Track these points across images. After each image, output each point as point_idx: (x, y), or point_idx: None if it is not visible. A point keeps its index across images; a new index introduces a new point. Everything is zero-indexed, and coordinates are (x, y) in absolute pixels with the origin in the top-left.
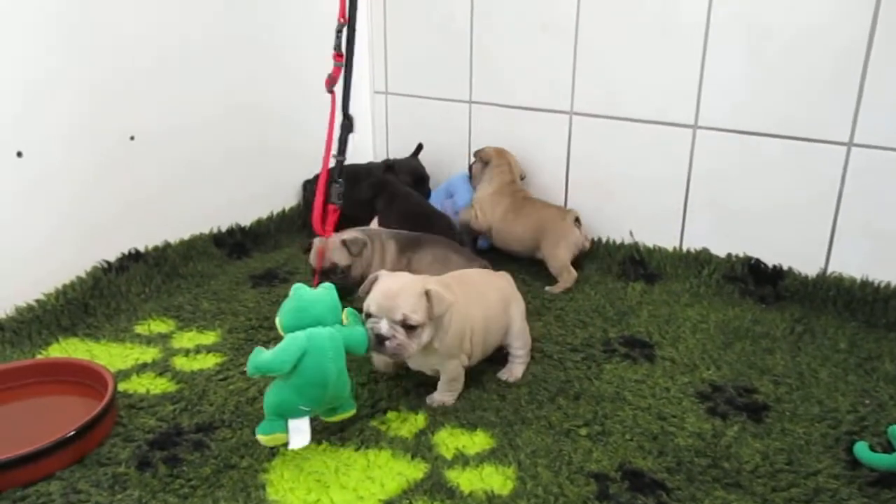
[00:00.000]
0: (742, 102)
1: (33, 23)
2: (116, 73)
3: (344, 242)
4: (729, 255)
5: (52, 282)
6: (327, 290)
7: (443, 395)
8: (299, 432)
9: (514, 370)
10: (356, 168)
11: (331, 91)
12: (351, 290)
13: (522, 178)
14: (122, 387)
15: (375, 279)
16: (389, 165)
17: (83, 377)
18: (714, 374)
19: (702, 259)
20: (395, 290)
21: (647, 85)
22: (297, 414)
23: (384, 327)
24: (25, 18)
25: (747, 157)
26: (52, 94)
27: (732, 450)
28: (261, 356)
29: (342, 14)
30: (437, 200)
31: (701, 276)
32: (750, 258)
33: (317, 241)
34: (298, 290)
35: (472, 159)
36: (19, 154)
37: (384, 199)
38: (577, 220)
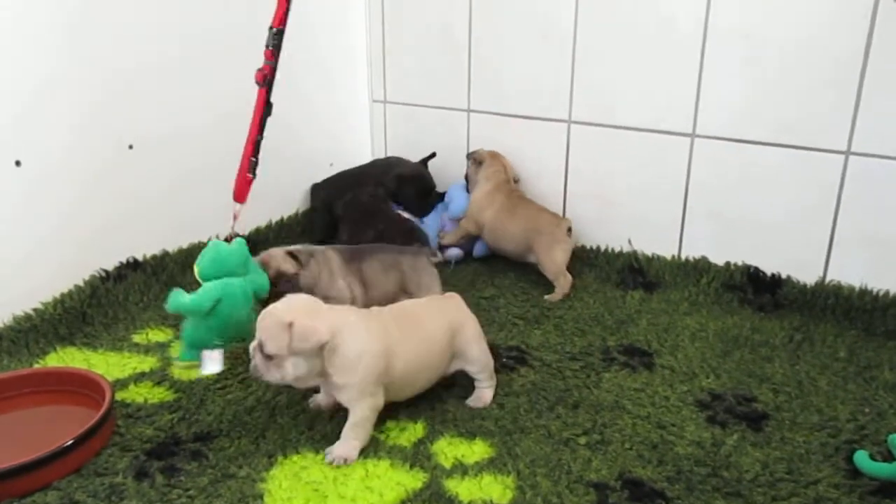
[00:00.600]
0: (740, 111)
1: (32, 31)
2: (114, 79)
3: (289, 253)
4: (728, 264)
5: (50, 291)
6: (239, 245)
7: (343, 447)
8: (212, 360)
9: (483, 395)
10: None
11: (261, 85)
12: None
13: (517, 182)
14: (119, 396)
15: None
16: (400, 176)
17: (81, 387)
18: (713, 382)
19: (700, 267)
20: (266, 315)
21: (645, 94)
22: (211, 346)
23: (250, 346)
24: (24, 27)
25: (745, 166)
26: (50, 101)
27: (732, 459)
28: (182, 298)
29: (280, 21)
30: (436, 211)
31: (700, 284)
32: (749, 266)
33: (262, 253)
34: (216, 245)
35: (468, 163)
36: (17, 163)
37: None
38: (569, 229)
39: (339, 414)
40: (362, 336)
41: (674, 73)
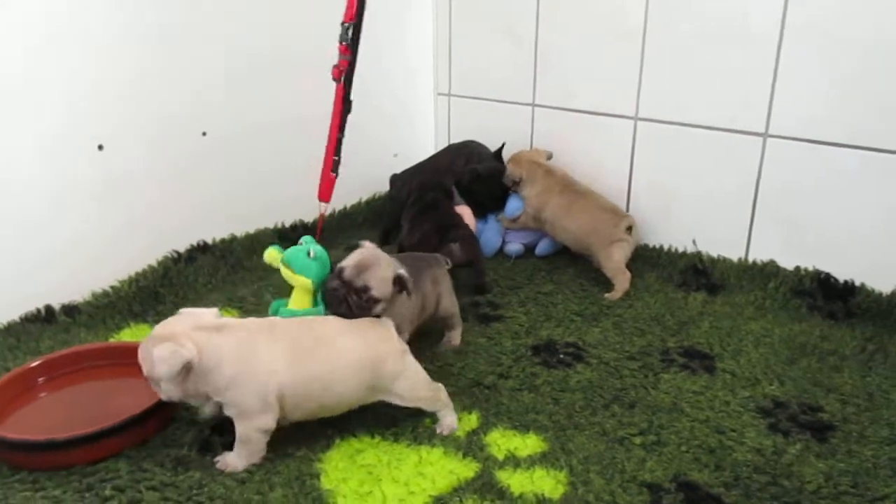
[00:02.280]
0: (816, 111)
1: (136, 32)
2: (195, 76)
3: (397, 279)
4: (797, 269)
5: (126, 270)
6: (321, 265)
7: (231, 458)
8: None
9: (445, 422)
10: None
11: (337, 81)
12: (353, 316)
13: (549, 158)
14: None
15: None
16: (476, 173)
17: None
18: (777, 389)
19: (768, 271)
20: (147, 337)
21: (716, 91)
22: None
23: None
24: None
25: (820, 168)
26: (137, 92)
27: (794, 468)
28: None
29: (350, 16)
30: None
31: (767, 288)
32: (820, 272)
33: (363, 253)
34: (323, 254)
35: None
36: (100, 147)
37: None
38: (629, 227)
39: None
40: (238, 356)
41: (747, 70)
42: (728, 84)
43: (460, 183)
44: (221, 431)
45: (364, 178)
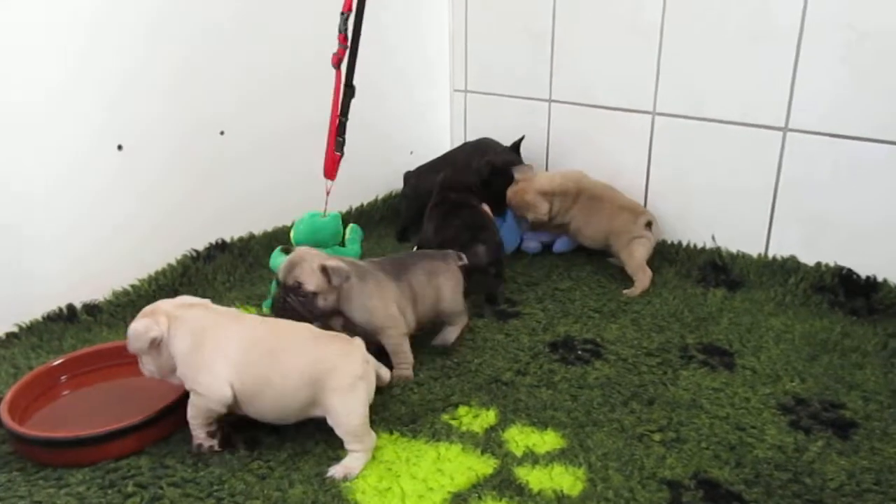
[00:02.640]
0: (837, 105)
1: (159, 37)
2: (210, 75)
3: (324, 269)
4: (818, 265)
5: (146, 269)
6: (333, 219)
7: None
8: None
9: (349, 463)
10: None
11: (337, 68)
12: (304, 317)
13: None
14: None
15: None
16: (492, 166)
17: None
18: (798, 386)
19: (788, 267)
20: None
21: (736, 86)
22: None
23: None
24: (149, 34)
25: (841, 162)
26: (151, 91)
27: (815, 466)
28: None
29: (348, 6)
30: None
31: (787, 284)
32: (841, 268)
33: (296, 252)
34: (312, 216)
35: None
36: (119, 147)
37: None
38: (649, 223)
39: (411, 398)
40: (197, 332)
41: (767, 64)
42: (747, 78)
43: (478, 175)
44: (240, 428)
45: (380, 176)
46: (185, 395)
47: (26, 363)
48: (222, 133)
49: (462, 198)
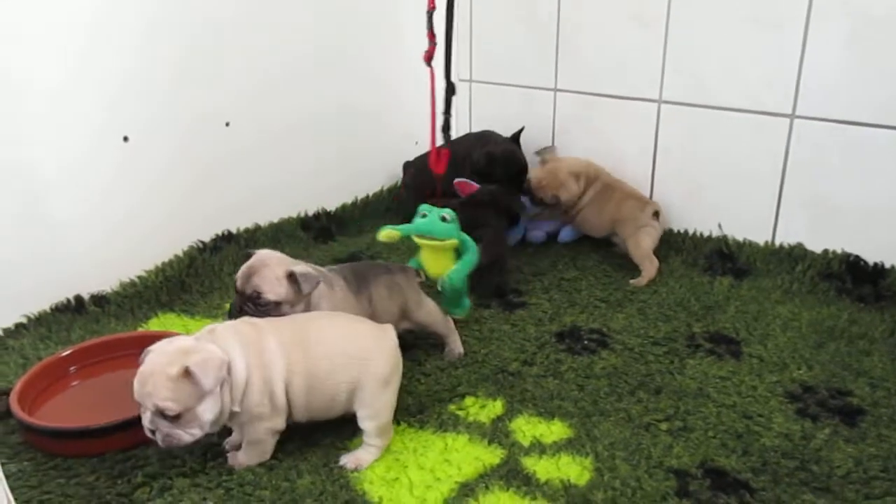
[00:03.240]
0: (844, 91)
1: (164, 29)
2: (215, 64)
3: (291, 275)
4: (825, 252)
5: (153, 260)
6: (455, 225)
7: (244, 455)
8: None
9: (359, 457)
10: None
11: (429, 64)
12: None
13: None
14: None
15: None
16: (490, 156)
17: None
18: (805, 374)
19: (796, 255)
20: (147, 376)
21: (742, 72)
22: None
23: (146, 421)
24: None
25: (848, 148)
26: (156, 81)
27: (823, 453)
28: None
29: (432, 3)
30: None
31: (794, 272)
32: (849, 255)
33: (257, 256)
34: (434, 214)
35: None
36: (125, 139)
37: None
38: (656, 213)
39: (418, 388)
40: (245, 357)
41: (773, 50)
42: (754, 65)
43: (477, 166)
44: None
45: (385, 166)
46: None
47: (35, 354)
48: (228, 125)
49: (486, 197)
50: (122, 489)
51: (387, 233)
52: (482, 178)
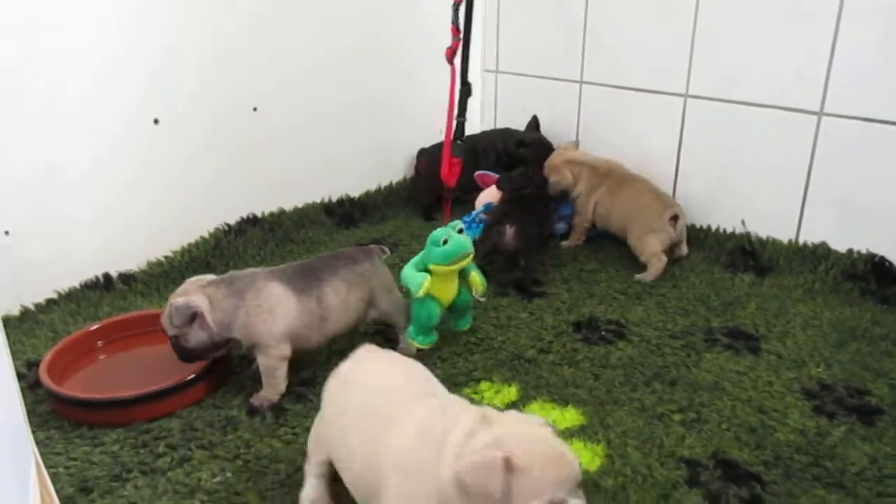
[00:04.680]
0: (875, 87)
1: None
2: (241, 51)
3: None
4: (850, 251)
5: (179, 241)
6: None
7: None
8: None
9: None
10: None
11: (451, 62)
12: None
13: (577, 146)
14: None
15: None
16: (521, 140)
17: None
18: (824, 372)
19: (819, 253)
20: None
21: (770, 67)
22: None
23: None
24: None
25: (877, 148)
26: (188, 68)
27: (837, 450)
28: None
29: None
30: None
31: (817, 271)
32: (874, 255)
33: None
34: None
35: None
36: (156, 121)
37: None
38: (674, 217)
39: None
40: None
41: (802, 45)
42: (782, 60)
43: (507, 153)
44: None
45: (408, 155)
46: (212, 363)
47: (64, 328)
48: (255, 110)
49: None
50: (144, 458)
51: (424, 289)
52: (510, 166)
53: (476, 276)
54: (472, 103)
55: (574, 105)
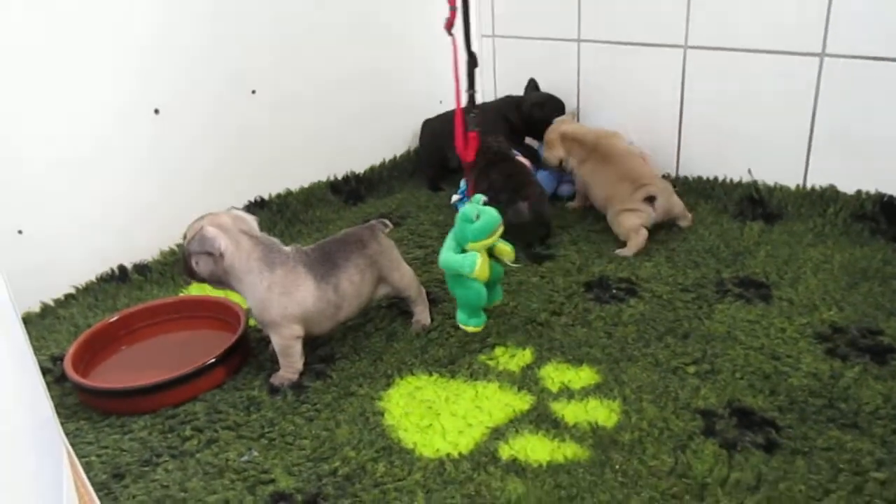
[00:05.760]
0: (877, 26)
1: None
2: (243, 36)
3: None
4: (858, 193)
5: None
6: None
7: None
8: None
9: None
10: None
11: (450, 33)
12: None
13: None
14: (252, 322)
15: None
16: (538, 103)
17: (220, 313)
18: (836, 315)
19: (827, 197)
20: None
21: (769, 13)
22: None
23: None
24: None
25: (882, 86)
26: (189, 54)
27: (851, 391)
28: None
29: None
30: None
31: (826, 214)
32: (882, 195)
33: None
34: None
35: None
36: (156, 111)
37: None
38: (650, 198)
39: (449, 340)
40: None
41: None
42: (781, 2)
43: (523, 113)
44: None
45: (411, 127)
46: (235, 346)
47: (84, 321)
48: (254, 92)
49: (502, 150)
50: (173, 442)
51: (479, 269)
52: (526, 124)
53: (503, 245)
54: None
55: (573, 64)
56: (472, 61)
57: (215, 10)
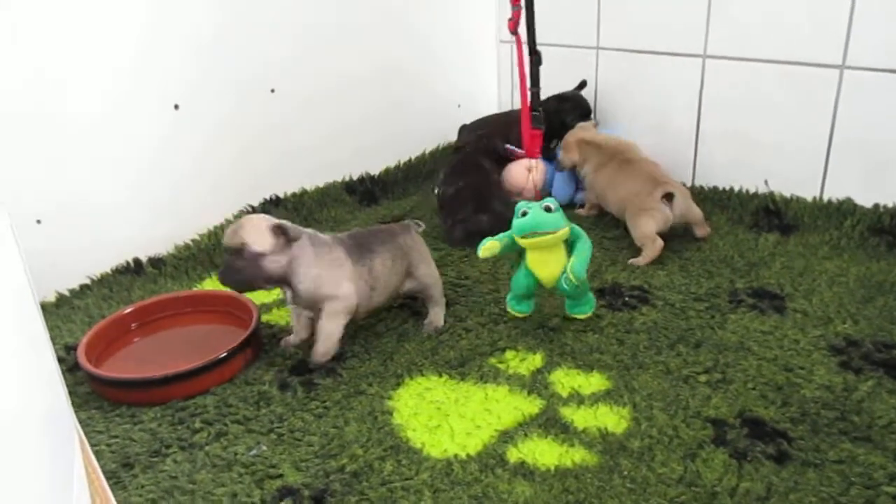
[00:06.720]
0: None
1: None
2: (264, 35)
3: (276, 228)
4: (876, 206)
5: (205, 224)
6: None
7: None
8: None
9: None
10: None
11: (514, 33)
12: (246, 286)
13: (596, 125)
14: (264, 318)
15: None
16: (560, 96)
17: (232, 308)
18: (850, 328)
19: (844, 210)
20: None
21: (789, 24)
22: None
23: None
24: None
25: None
26: (208, 52)
27: (865, 404)
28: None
29: None
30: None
31: (843, 227)
32: None
33: (240, 219)
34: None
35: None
36: (176, 107)
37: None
38: (667, 196)
39: (460, 342)
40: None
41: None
42: (801, 14)
43: (547, 109)
44: (299, 371)
45: (428, 130)
46: (246, 341)
47: (99, 312)
48: (273, 91)
49: (477, 159)
50: (182, 434)
51: (487, 246)
52: (552, 119)
53: (571, 261)
54: (489, 75)
55: (591, 72)
56: (537, 59)
57: (238, 9)
